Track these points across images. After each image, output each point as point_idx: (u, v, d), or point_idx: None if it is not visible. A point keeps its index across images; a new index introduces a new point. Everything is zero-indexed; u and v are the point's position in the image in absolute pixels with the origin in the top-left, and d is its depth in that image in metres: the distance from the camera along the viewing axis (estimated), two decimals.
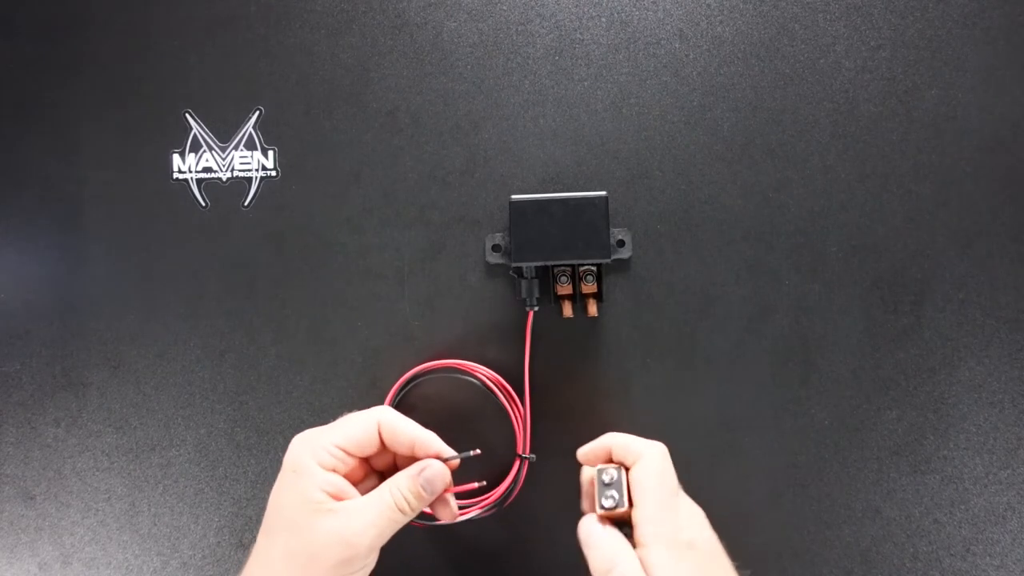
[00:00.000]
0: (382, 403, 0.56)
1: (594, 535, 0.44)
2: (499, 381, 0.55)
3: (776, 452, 0.57)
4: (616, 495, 0.44)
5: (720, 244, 0.57)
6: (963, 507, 0.56)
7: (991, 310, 0.56)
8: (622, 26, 0.58)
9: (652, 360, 0.57)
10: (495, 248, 0.57)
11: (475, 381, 0.56)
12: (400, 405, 0.57)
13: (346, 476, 0.45)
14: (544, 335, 0.56)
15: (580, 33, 0.58)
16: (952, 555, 0.56)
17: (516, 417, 0.55)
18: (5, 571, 0.59)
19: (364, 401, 0.58)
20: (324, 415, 0.58)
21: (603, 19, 0.58)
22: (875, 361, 0.56)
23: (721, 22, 0.57)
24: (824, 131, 0.57)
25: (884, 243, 0.56)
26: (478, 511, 0.53)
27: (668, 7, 0.57)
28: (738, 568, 0.44)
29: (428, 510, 0.48)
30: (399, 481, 0.45)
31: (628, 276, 0.57)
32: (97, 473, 0.59)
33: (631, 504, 0.44)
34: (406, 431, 0.46)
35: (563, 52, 0.58)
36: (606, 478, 0.45)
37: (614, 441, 0.48)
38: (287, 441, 0.58)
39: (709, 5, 0.57)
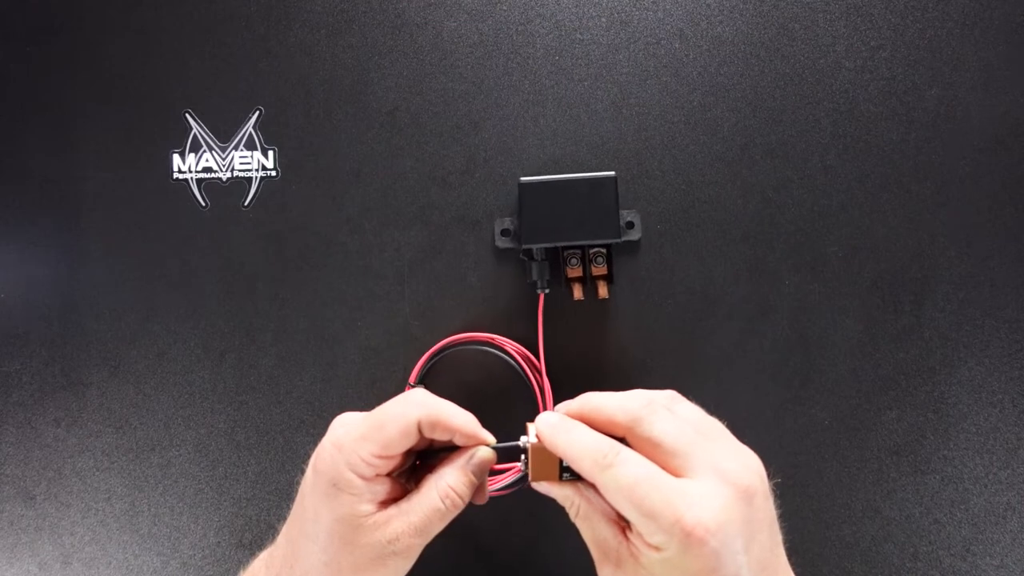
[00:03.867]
0: (385, 398, 0.54)
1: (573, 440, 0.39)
2: (526, 355, 0.56)
3: (776, 452, 0.57)
4: (523, 458, 0.42)
5: (720, 244, 0.57)
6: (963, 507, 0.56)
7: (991, 310, 0.56)
8: (622, 26, 0.58)
9: (652, 360, 0.57)
10: (504, 232, 0.57)
11: (503, 355, 0.56)
12: (426, 377, 0.57)
13: (388, 472, 0.42)
14: (555, 318, 0.56)
15: (580, 33, 0.58)
16: (952, 555, 0.56)
17: (541, 396, 0.55)
18: (5, 571, 0.59)
19: (364, 401, 0.58)
20: (324, 415, 0.58)
21: (603, 19, 0.58)
22: (875, 361, 0.56)
23: (721, 22, 0.57)
24: (824, 131, 0.57)
25: (884, 243, 0.56)
26: (496, 487, 0.53)
27: (668, 7, 0.57)
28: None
29: None
30: (448, 477, 0.42)
31: (638, 258, 0.57)
32: (97, 473, 0.59)
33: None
34: (447, 424, 0.42)
35: (563, 52, 0.58)
36: (521, 442, 0.42)
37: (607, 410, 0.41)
38: (287, 441, 0.58)
39: (709, 5, 0.57)
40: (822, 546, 0.57)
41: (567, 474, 0.41)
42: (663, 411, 0.39)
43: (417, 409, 0.42)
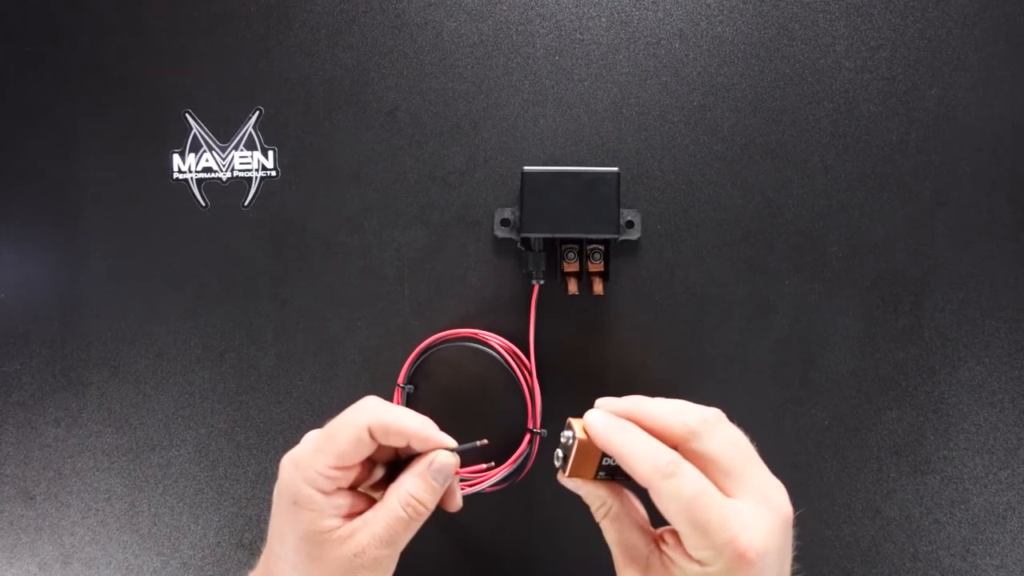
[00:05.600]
0: (385, 399, 0.55)
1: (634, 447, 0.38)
2: (512, 350, 0.56)
3: (776, 452, 0.57)
4: (561, 453, 0.42)
5: (720, 244, 0.57)
6: (963, 507, 0.56)
7: (991, 310, 0.56)
8: (622, 26, 0.58)
9: (651, 360, 0.57)
10: (504, 222, 0.57)
11: (488, 350, 0.56)
12: (413, 377, 0.57)
13: (351, 484, 0.42)
14: (548, 312, 0.56)
15: (580, 33, 0.58)
16: (952, 555, 0.56)
17: (528, 388, 0.55)
18: (5, 571, 0.59)
19: None
20: (324, 415, 0.57)
21: (603, 19, 0.58)
22: (875, 361, 0.56)
23: (721, 22, 0.57)
24: (824, 131, 0.57)
25: (884, 243, 0.56)
26: (490, 482, 0.53)
27: (668, 7, 0.57)
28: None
29: None
30: (407, 484, 0.41)
31: (638, 257, 0.57)
32: (97, 473, 0.59)
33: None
34: (400, 429, 0.41)
35: (563, 52, 0.58)
36: (563, 438, 0.42)
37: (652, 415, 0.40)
38: (287, 441, 0.58)
39: (709, 5, 0.57)
40: (822, 546, 0.57)
41: (603, 473, 0.41)
42: (719, 428, 0.39)
43: (366, 416, 0.41)
